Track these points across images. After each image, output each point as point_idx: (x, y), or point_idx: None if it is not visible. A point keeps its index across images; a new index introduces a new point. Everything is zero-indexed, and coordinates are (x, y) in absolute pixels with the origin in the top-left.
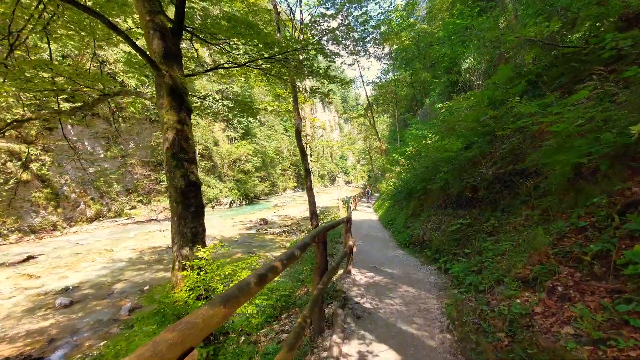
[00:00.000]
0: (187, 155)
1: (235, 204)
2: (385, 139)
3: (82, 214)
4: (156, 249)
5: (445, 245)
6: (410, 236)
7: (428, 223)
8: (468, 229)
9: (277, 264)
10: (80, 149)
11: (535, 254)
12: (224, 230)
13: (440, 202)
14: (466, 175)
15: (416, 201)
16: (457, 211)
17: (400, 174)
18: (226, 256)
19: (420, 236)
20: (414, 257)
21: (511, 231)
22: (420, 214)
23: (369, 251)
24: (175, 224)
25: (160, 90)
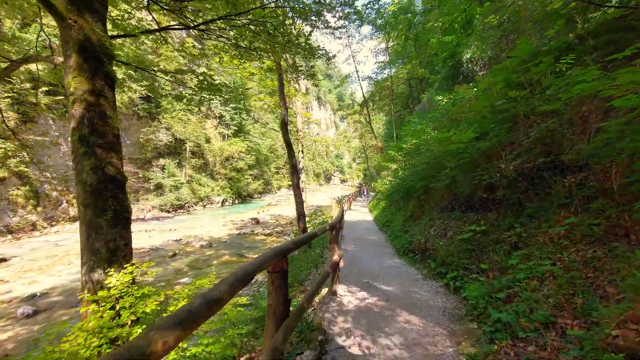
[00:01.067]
0: (103, 140)
1: (227, 202)
2: (381, 138)
3: (65, 213)
4: (139, 250)
5: (454, 257)
6: (410, 242)
7: (431, 228)
8: (484, 238)
9: None
10: (63, 145)
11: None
12: (213, 231)
13: (446, 204)
14: (479, 172)
15: (415, 201)
16: (467, 214)
17: (397, 171)
18: (213, 258)
19: (422, 243)
20: (414, 268)
21: (548, 244)
22: (420, 217)
23: (361, 259)
24: (83, 236)
25: (67, 48)
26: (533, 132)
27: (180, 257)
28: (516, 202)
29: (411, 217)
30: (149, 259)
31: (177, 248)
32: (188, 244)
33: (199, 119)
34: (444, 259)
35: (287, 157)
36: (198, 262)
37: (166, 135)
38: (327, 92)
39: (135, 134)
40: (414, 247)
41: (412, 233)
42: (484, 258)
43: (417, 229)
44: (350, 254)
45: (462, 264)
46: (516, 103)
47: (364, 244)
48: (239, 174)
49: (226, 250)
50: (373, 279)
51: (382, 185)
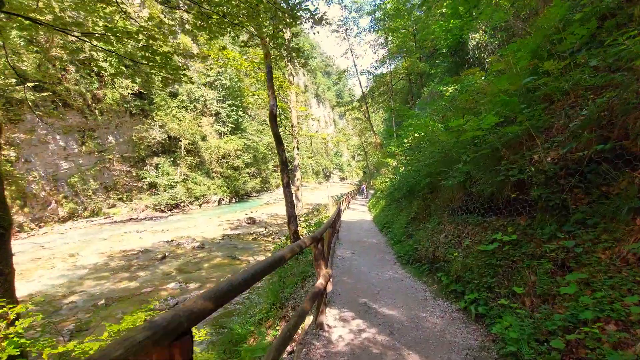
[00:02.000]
0: None
1: (224, 201)
2: (381, 135)
3: (54, 213)
4: (127, 252)
5: (474, 274)
6: (415, 249)
7: (441, 234)
8: (514, 251)
9: None
10: (51, 143)
11: None
12: (207, 231)
13: (459, 205)
14: (505, 166)
15: (420, 201)
16: (488, 219)
17: (398, 168)
18: (204, 260)
19: (430, 252)
20: (420, 282)
21: (619, 267)
22: (426, 219)
23: (359, 269)
24: None
25: None
26: (586, 110)
27: (170, 259)
28: (559, 204)
29: (415, 219)
30: (137, 262)
31: (167, 250)
32: (179, 245)
33: (194, 116)
34: (460, 274)
35: (277, 152)
36: (188, 265)
37: (160, 133)
38: (325, 90)
39: (128, 131)
40: (420, 255)
41: (417, 238)
42: (517, 278)
43: (423, 233)
44: (346, 262)
45: (484, 283)
46: (550, 79)
47: (363, 249)
48: (236, 172)
49: (219, 251)
50: (372, 298)
51: (381, 183)
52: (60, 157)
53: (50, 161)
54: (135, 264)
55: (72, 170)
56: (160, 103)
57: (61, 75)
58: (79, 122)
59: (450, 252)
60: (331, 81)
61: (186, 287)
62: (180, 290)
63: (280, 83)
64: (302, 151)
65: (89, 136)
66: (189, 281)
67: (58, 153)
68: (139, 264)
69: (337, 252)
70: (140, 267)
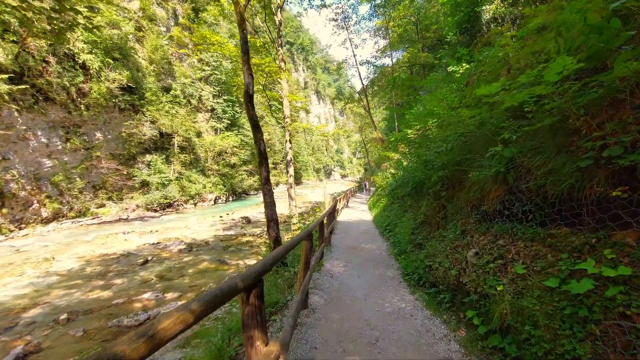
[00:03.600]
0: None
1: (220, 200)
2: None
3: (36, 214)
4: (107, 256)
5: (541, 330)
6: (427, 267)
7: (467, 249)
8: (627, 297)
9: None
10: (32, 139)
11: None
12: (199, 231)
13: (497, 207)
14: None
15: (431, 200)
16: (555, 231)
17: (401, 162)
18: (190, 265)
19: (452, 276)
20: (439, 321)
21: None
22: (441, 225)
23: (351, 292)
24: None
25: None
26: None
27: (152, 264)
28: None
29: (425, 223)
30: (115, 267)
31: (151, 253)
32: (165, 248)
33: (188, 111)
34: (510, 322)
35: (253, 140)
36: (171, 271)
37: (150, 129)
38: (326, 86)
39: (117, 127)
40: (435, 276)
41: (430, 251)
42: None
43: (439, 245)
44: (336, 281)
45: (566, 351)
46: None
47: (359, 260)
48: (233, 169)
49: (207, 255)
50: (368, 354)
51: (382, 179)
52: (42, 154)
53: (32, 159)
54: (113, 269)
55: (56, 168)
56: (151, 98)
57: (42, 67)
58: (63, 118)
59: (489, 282)
60: (331, 78)
61: (163, 297)
62: (155, 301)
63: (270, 68)
64: (302, 148)
65: (74, 132)
66: (167, 290)
67: (40, 150)
68: (117, 269)
69: (327, 265)
70: (118, 273)
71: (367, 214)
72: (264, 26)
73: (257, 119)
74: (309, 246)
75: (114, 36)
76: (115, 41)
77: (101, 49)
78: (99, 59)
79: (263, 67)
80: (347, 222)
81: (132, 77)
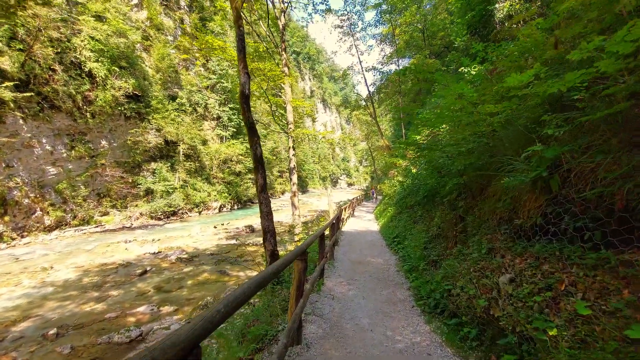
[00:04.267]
0: None
1: (225, 208)
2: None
3: (39, 222)
4: (106, 266)
5: None
6: (446, 292)
7: (499, 273)
8: None
9: None
10: (37, 147)
11: None
12: (201, 240)
13: (537, 220)
14: None
15: (446, 211)
16: (627, 257)
17: (409, 169)
18: (189, 276)
19: (481, 307)
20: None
21: None
22: (460, 240)
23: (355, 319)
24: None
25: None
26: None
27: (151, 275)
28: None
29: (440, 237)
30: (113, 278)
31: (150, 263)
32: (166, 257)
33: (193, 119)
34: None
35: (249, 145)
36: (169, 282)
37: (156, 137)
38: (332, 95)
39: (123, 135)
40: (457, 304)
41: (448, 272)
42: None
43: (460, 265)
44: (337, 304)
45: None
46: None
47: (365, 277)
48: (238, 177)
49: (208, 265)
50: None
51: (390, 188)
52: (47, 162)
53: (36, 166)
54: (110, 280)
55: (61, 176)
56: (157, 106)
57: (48, 75)
58: (68, 125)
59: (535, 321)
60: (338, 86)
61: (158, 311)
62: (150, 315)
63: (272, 73)
64: (308, 156)
65: (79, 140)
66: (164, 303)
67: (45, 158)
68: (114, 280)
69: (329, 283)
70: (114, 284)
71: (374, 224)
72: (267, 31)
73: (254, 122)
74: (302, 267)
75: (120, 45)
76: (122, 50)
77: (107, 58)
78: (105, 67)
79: (265, 72)
80: (352, 233)
81: (138, 86)
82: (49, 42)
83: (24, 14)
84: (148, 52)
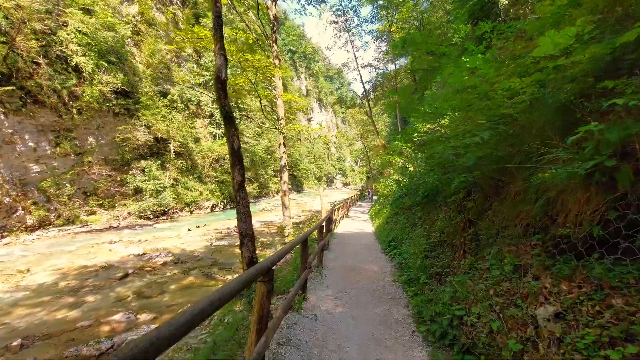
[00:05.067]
0: None
1: (218, 207)
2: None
3: (21, 221)
4: (86, 269)
5: None
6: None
7: (536, 301)
8: None
9: None
10: (19, 143)
11: None
12: (189, 241)
13: (589, 233)
14: None
15: (451, 213)
16: None
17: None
18: (173, 280)
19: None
20: None
21: None
22: (473, 249)
23: (342, 341)
24: None
25: None
26: None
27: (132, 278)
28: None
29: (444, 244)
30: (92, 282)
31: (134, 266)
32: (151, 259)
33: (185, 117)
34: None
35: (225, 137)
36: (151, 287)
37: (145, 134)
38: (328, 94)
39: (111, 132)
40: (474, 338)
41: (459, 292)
42: None
43: (474, 284)
44: (321, 327)
45: None
46: None
47: (356, 289)
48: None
49: (194, 268)
50: None
51: (385, 187)
52: (30, 159)
53: (18, 164)
54: (89, 284)
55: (44, 173)
56: (147, 102)
57: (32, 69)
58: (53, 121)
59: None
60: (334, 86)
61: (135, 319)
62: (126, 324)
63: (260, 64)
64: (304, 156)
65: (64, 137)
66: (142, 310)
67: (27, 155)
68: (93, 284)
69: (313, 298)
70: (92, 288)
71: (369, 225)
72: (257, 20)
73: (231, 110)
74: (265, 291)
75: (108, 39)
76: (111, 44)
77: (95, 52)
78: (93, 61)
79: (254, 63)
80: (345, 235)
81: (127, 81)
82: (33, 35)
83: (7, 5)
84: (139, 48)
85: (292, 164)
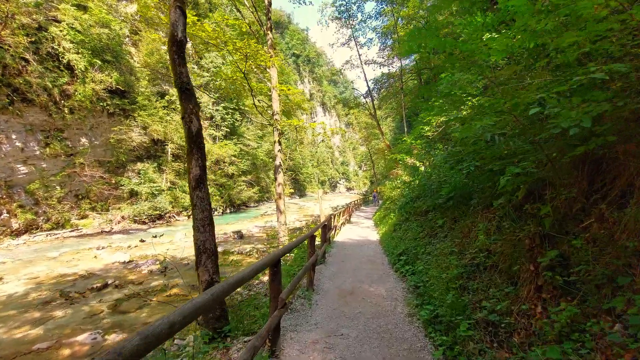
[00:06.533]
0: None
1: (217, 212)
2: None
3: (5, 225)
4: (64, 278)
5: None
6: None
7: None
8: None
9: None
10: (5, 143)
11: None
12: (183, 248)
13: None
14: None
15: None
16: None
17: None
18: (157, 291)
19: None
20: None
21: None
22: (562, 288)
23: None
24: None
25: None
26: None
27: (111, 289)
28: None
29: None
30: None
31: (117, 275)
32: (136, 267)
33: None
34: None
35: (181, 116)
36: (129, 300)
37: (141, 136)
38: (332, 98)
39: (105, 133)
40: None
41: None
42: None
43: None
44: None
45: None
46: None
47: (357, 329)
48: (231, 180)
49: (182, 278)
50: None
51: (391, 190)
52: (17, 159)
53: (3, 164)
54: (62, 296)
55: (33, 175)
56: (143, 102)
57: (21, 66)
58: (43, 121)
59: None
60: (337, 90)
61: (102, 340)
62: (90, 347)
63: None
64: (307, 160)
65: (55, 137)
66: (113, 329)
67: (14, 155)
68: (66, 296)
69: (290, 349)
70: (65, 301)
71: (373, 232)
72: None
73: (190, 81)
74: None
75: (102, 36)
76: (105, 42)
77: (88, 49)
78: (86, 59)
79: (244, 50)
80: (346, 244)
81: (123, 80)
82: (22, 30)
83: None
84: (137, 47)
85: (294, 167)
